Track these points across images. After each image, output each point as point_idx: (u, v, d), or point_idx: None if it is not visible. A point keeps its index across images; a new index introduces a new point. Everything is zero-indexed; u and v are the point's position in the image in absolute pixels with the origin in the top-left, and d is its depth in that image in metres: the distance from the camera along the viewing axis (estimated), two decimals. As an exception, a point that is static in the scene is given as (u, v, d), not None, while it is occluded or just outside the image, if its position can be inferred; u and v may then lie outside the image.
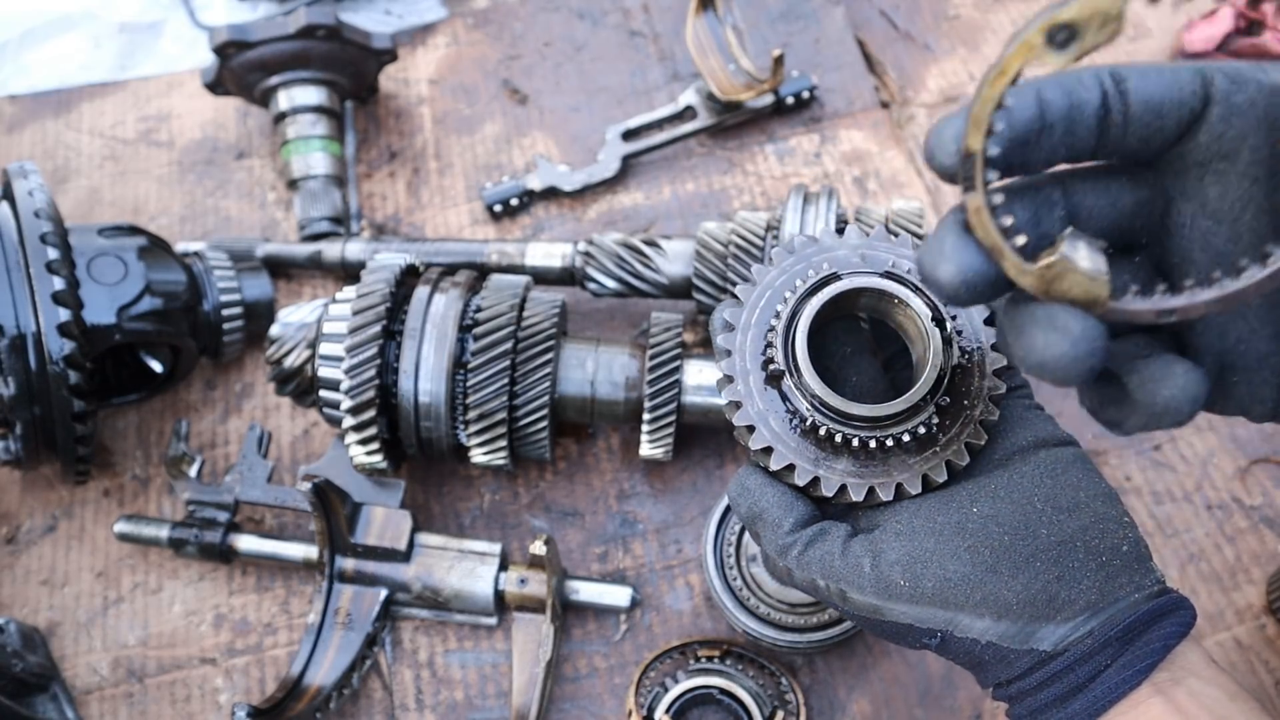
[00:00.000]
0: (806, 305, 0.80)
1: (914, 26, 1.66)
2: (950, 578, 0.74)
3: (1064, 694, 0.73)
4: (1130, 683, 0.72)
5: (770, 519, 0.81)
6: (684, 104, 1.56)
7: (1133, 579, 0.74)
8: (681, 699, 1.16)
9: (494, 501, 1.32)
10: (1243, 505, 1.26)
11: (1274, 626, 1.19)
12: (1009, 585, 0.73)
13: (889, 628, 0.79)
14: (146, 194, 1.59)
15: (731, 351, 0.82)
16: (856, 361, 0.87)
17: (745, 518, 0.84)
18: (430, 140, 1.62)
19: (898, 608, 0.76)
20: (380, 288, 1.18)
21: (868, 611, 0.78)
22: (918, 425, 0.79)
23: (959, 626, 0.75)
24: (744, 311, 0.83)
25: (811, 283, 0.82)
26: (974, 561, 0.74)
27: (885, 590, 0.76)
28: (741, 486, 0.84)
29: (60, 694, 1.22)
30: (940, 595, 0.75)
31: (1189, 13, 1.62)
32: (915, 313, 0.80)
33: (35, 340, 1.14)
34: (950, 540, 0.76)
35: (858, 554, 0.78)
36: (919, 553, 0.76)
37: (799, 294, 0.81)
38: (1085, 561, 0.74)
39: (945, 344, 0.79)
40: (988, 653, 0.76)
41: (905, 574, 0.76)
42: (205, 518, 1.26)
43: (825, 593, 0.80)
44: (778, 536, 0.81)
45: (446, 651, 1.24)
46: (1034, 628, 0.73)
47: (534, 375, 1.19)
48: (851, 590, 0.77)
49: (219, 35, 1.46)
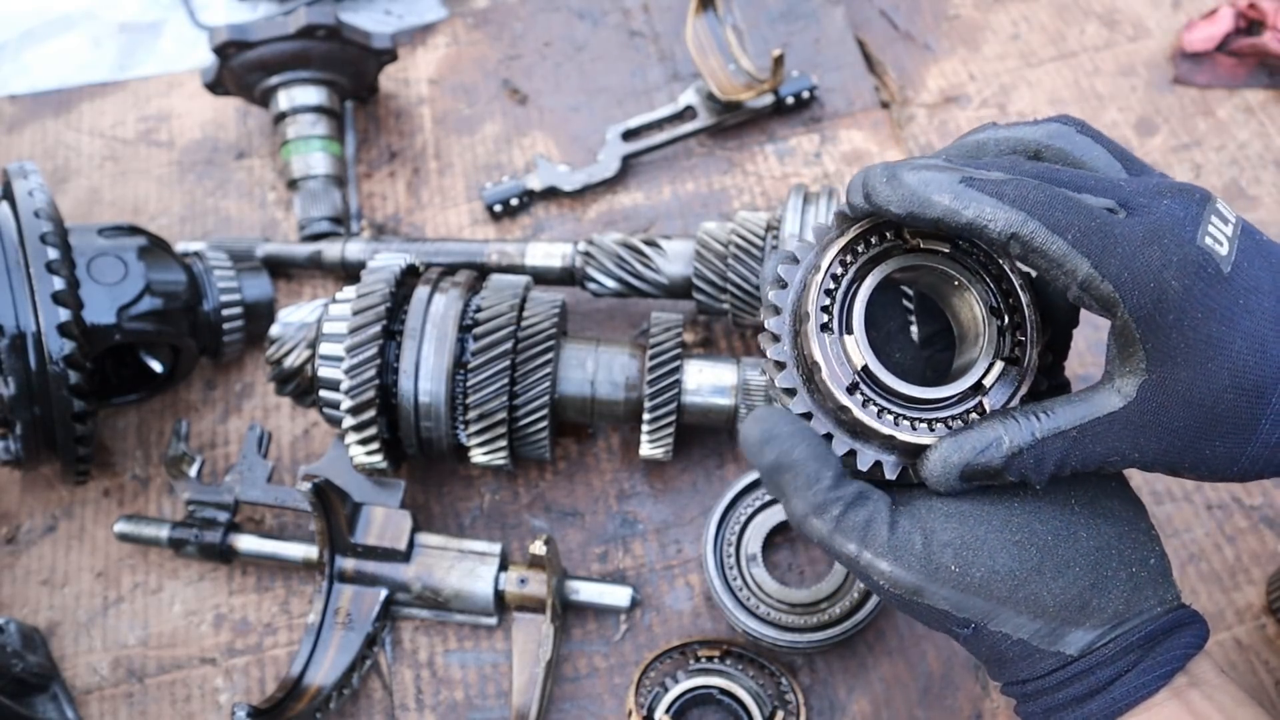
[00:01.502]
0: (873, 270, 0.78)
1: (914, 26, 1.66)
2: (999, 570, 0.74)
3: (1081, 695, 0.74)
4: (1148, 688, 0.73)
5: (805, 473, 0.75)
6: (684, 104, 1.56)
7: (1157, 592, 0.76)
8: (681, 699, 1.16)
9: (494, 501, 1.32)
10: (1243, 505, 1.26)
11: (1274, 626, 1.19)
12: (1049, 587, 0.74)
13: (923, 610, 0.77)
14: (146, 194, 1.59)
15: (781, 310, 0.79)
16: (900, 339, 0.87)
17: (769, 467, 0.76)
18: (430, 140, 1.62)
19: (941, 592, 0.75)
20: (380, 288, 1.18)
21: (907, 592, 0.76)
22: (962, 413, 0.77)
23: (995, 620, 0.75)
24: (799, 269, 0.80)
25: (880, 248, 0.79)
26: (1021, 558, 0.74)
27: (933, 572, 0.74)
28: (766, 431, 0.76)
29: (60, 694, 1.22)
30: (986, 587, 0.74)
31: (1189, 13, 1.62)
32: (974, 300, 0.79)
33: (35, 340, 1.14)
34: (1000, 532, 0.75)
35: (907, 529, 0.75)
36: (971, 540, 0.75)
37: (864, 257, 0.79)
38: (1117, 571, 0.75)
39: (1000, 336, 0.78)
40: (1015, 649, 0.76)
41: (956, 559, 0.74)
42: (205, 518, 1.26)
43: (858, 562, 0.76)
44: (814, 492, 0.75)
45: (446, 651, 1.24)
46: (1064, 630, 0.74)
47: (534, 375, 1.18)
48: (898, 567, 0.75)
49: (219, 35, 1.46)
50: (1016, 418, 0.73)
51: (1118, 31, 1.63)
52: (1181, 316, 0.67)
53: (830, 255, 0.78)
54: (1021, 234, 0.68)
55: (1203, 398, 0.68)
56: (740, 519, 1.23)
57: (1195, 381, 0.67)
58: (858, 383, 0.77)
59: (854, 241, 0.79)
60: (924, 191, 0.70)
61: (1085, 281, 0.68)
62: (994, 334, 0.78)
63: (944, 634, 0.81)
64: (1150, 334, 0.68)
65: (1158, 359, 0.68)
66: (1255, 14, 1.55)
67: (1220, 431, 0.69)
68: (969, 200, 0.69)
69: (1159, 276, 0.66)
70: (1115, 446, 0.71)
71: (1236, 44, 1.55)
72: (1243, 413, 0.68)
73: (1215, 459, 0.70)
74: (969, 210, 0.69)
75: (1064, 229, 0.68)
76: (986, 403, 0.78)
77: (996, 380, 0.78)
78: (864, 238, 0.79)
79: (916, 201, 0.70)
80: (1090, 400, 0.72)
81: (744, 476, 1.24)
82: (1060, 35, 1.63)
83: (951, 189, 0.70)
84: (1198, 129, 1.53)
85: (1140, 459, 0.71)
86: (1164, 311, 0.67)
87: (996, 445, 0.72)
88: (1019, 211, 0.68)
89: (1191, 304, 0.66)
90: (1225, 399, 0.67)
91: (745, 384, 1.21)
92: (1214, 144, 1.51)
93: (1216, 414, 0.68)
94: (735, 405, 1.22)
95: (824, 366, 0.76)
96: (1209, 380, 0.67)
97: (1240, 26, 1.56)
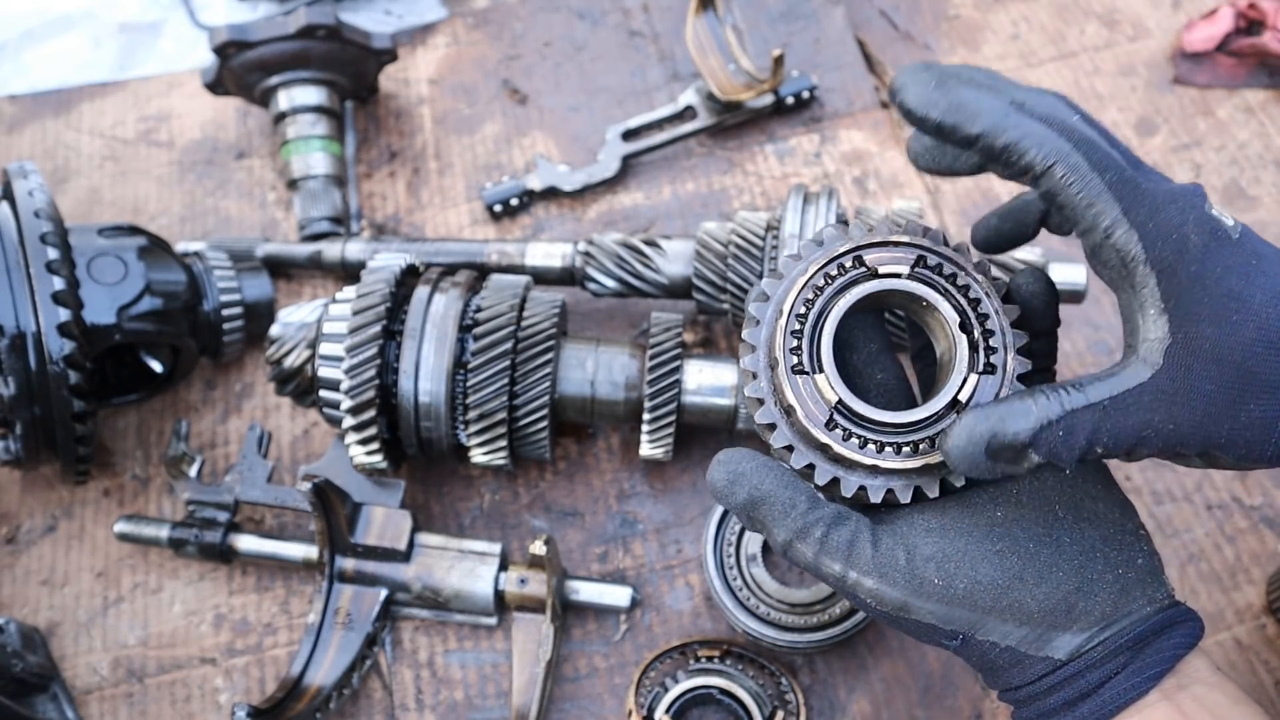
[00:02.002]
0: (835, 305, 0.79)
1: (914, 26, 1.66)
2: (981, 581, 0.74)
3: (1072, 699, 0.74)
4: (1138, 690, 0.73)
5: (779, 502, 0.77)
6: (684, 104, 1.56)
7: (1145, 592, 0.76)
8: (681, 699, 1.16)
9: (494, 501, 1.32)
10: (1243, 505, 1.26)
11: (1274, 626, 1.19)
12: (1033, 593, 0.74)
13: (910, 625, 0.77)
14: (146, 194, 1.59)
15: (756, 347, 0.81)
16: (881, 360, 0.86)
17: (742, 504, 0.78)
18: (430, 140, 1.62)
19: (926, 606, 0.75)
20: (380, 288, 1.18)
21: (893, 608, 0.76)
22: (940, 432, 0.78)
23: (982, 629, 0.75)
24: (769, 306, 0.82)
25: (841, 281, 0.80)
26: (1003, 566, 0.74)
27: (918, 587, 0.75)
28: (732, 472, 0.78)
29: (60, 694, 1.22)
30: (970, 598, 0.74)
31: (1189, 13, 1.62)
32: (943, 317, 0.79)
33: (35, 340, 1.14)
34: (982, 543, 0.75)
35: (890, 546, 0.76)
36: (953, 552, 0.75)
37: (828, 292, 0.80)
38: (1103, 573, 0.75)
39: (971, 350, 0.78)
40: (1004, 657, 0.76)
41: (939, 572, 0.74)
42: (205, 518, 1.26)
43: (845, 582, 0.77)
44: (793, 519, 0.76)
45: (446, 651, 1.24)
46: (1051, 635, 0.74)
47: (534, 375, 1.19)
48: (883, 584, 0.75)
49: (219, 35, 1.46)
50: (1045, 391, 0.72)
51: (1118, 31, 1.63)
52: (1203, 270, 0.67)
53: (793, 296, 0.80)
54: (1063, 164, 0.69)
55: (1230, 353, 0.67)
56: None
57: (1221, 338, 0.67)
58: (834, 418, 0.78)
59: (814, 277, 0.80)
60: (973, 105, 0.69)
61: (1111, 228, 0.68)
62: (966, 349, 0.78)
63: (934, 647, 0.81)
64: (1172, 290, 0.68)
65: (1180, 318, 0.68)
66: (1255, 14, 1.55)
67: (1253, 391, 0.68)
68: (1016, 122, 0.69)
69: (1180, 230, 0.68)
70: (1148, 419, 0.69)
71: (1236, 44, 1.55)
72: (1273, 368, 0.67)
73: (1251, 427, 0.68)
74: (1013, 132, 0.69)
75: (1103, 169, 0.68)
76: None
77: (974, 393, 0.78)
78: (823, 272, 0.80)
79: (963, 113, 0.69)
80: (1118, 374, 0.71)
81: (744, 476, 1.24)
82: (1060, 35, 1.63)
83: (1000, 109, 0.69)
84: (1198, 129, 1.53)
85: (1176, 431, 0.69)
86: (1186, 263, 0.68)
87: (1024, 415, 0.71)
88: (1066, 141, 0.68)
89: (1210, 258, 0.67)
90: (1255, 353, 0.67)
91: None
92: (1214, 144, 1.51)
93: (1247, 370, 0.67)
94: (735, 405, 1.22)
95: (799, 408, 0.78)
96: (1235, 334, 0.67)
97: (1240, 26, 1.56)
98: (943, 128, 0.71)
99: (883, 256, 0.80)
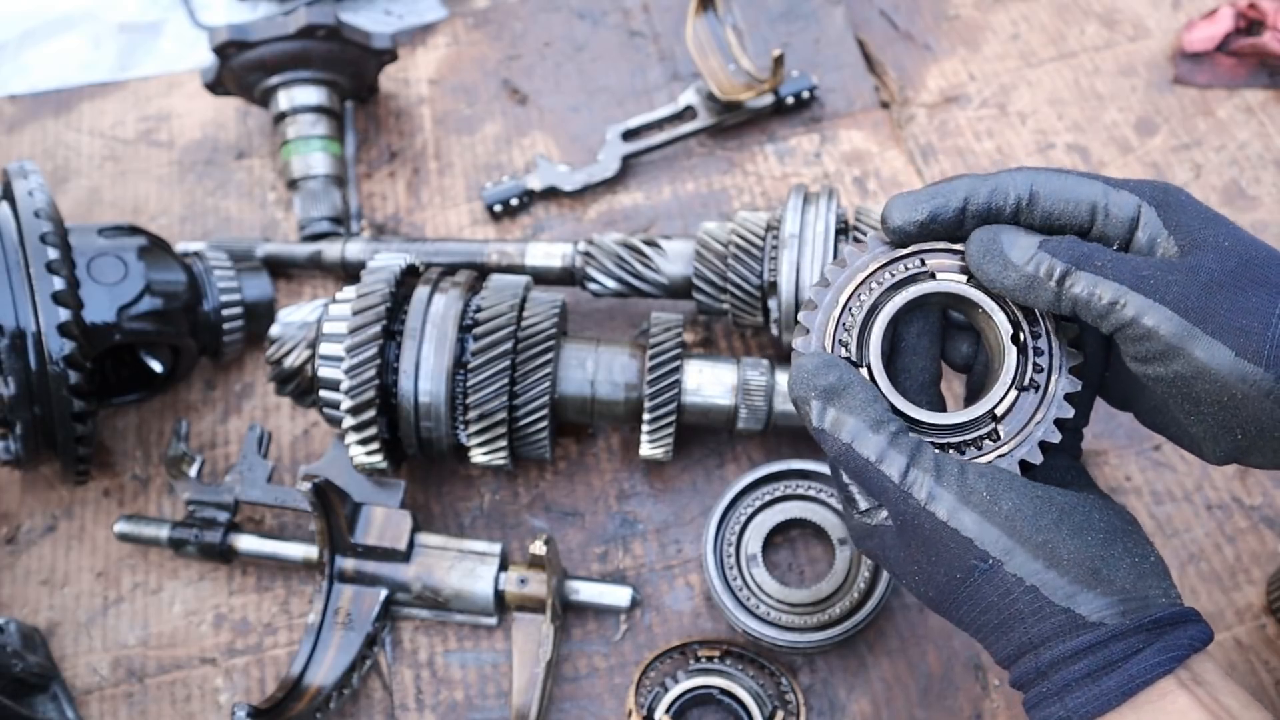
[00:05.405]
0: (890, 300, 0.82)
1: (914, 26, 1.66)
2: (1024, 510, 0.77)
3: (1098, 668, 0.74)
4: (1162, 668, 0.73)
5: (866, 393, 0.81)
6: (684, 104, 1.56)
7: (1160, 584, 0.78)
8: (681, 699, 1.16)
9: (494, 501, 1.32)
10: (1243, 505, 1.26)
11: (1274, 626, 1.19)
12: (1066, 544, 0.76)
13: (946, 539, 0.78)
14: (146, 194, 1.59)
15: (810, 330, 0.84)
16: (921, 347, 0.89)
17: (827, 387, 0.81)
18: (430, 140, 1.62)
19: (969, 516, 0.77)
20: (380, 288, 1.18)
21: (943, 510, 0.78)
22: (975, 439, 0.81)
23: (1013, 559, 0.77)
24: (828, 293, 0.84)
25: (900, 278, 0.83)
26: (1042, 510, 0.78)
27: (966, 495, 0.77)
28: (826, 360, 0.82)
29: (60, 694, 1.22)
30: (1011, 522, 0.77)
31: (1189, 13, 1.62)
32: (996, 325, 0.81)
33: (35, 340, 1.14)
34: (1026, 487, 0.79)
35: (948, 459, 0.80)
36: (1002, 479, 0.79)
37: (884, 286, 0.82)
38: (1122, 557, 0.78)
39: (1019, 363, 0.81)
40: (1025, 598, 0.76)
41: (989, 488, 0.78)
42: (205, 518, 1.26)
43: (904, 478, 0.79)
44: (874, 410, 0.80)
45: (446, 651, 1.24)
46: (1076, 589, 0.76)
47: (534, 375, 1.19)
48: (939, 485, 0.78)
49: (219, 35, 1.46)
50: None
51: (1118, 31, 1.63)
52: (1188, 201, 0.79)
53: (851, 287, 0.83)
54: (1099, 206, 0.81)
55: (1234, 245, 0.75)
56: (740, 519, 1.23)
57: (1222, 236, 0.76)
58: None
59: (876, 273, 0.83)
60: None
61: (1105, 191, 0.79)
62: (1013, 361, 0.80)
63: (951, 593, 0.81)
64: (1169, 215, 0.78)
65: (1183, 232, 0.77)
66: (1255, 14, 1.55)
67: (1252, 278, 0.73)
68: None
69: (1163, 187, 0.80)
70: (1145, 275, 0.75)
71: (1236, 44, 1.55)
72: (1271, 263, 0.74)
73: (1249, 314, 0.72)
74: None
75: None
76: (1001, 430, 0.80)
77: (1011, 408, 0.81)
78: (887, 269, 0.83)
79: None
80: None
81: (744, 476, 1.24)
82: (1060, 35, 1.63)
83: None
84: (1198, 129, 1.53)
85: (1170, 301, 0.74)
86: (1174, 194, 0.79)
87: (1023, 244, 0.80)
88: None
89: (1193, 200, 0.79)
90: (1256, 245, 0.76)
91: (745, 384, 1.21)
92: (1214, 144, 1.51)
93: (1249, 259, 0.74)
94: (735, 405, 1.22)
95: None
96: (1235, 234, 0.76)
97: (1240, 26, 1.56)
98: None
99: (944, 262, 0.83)
